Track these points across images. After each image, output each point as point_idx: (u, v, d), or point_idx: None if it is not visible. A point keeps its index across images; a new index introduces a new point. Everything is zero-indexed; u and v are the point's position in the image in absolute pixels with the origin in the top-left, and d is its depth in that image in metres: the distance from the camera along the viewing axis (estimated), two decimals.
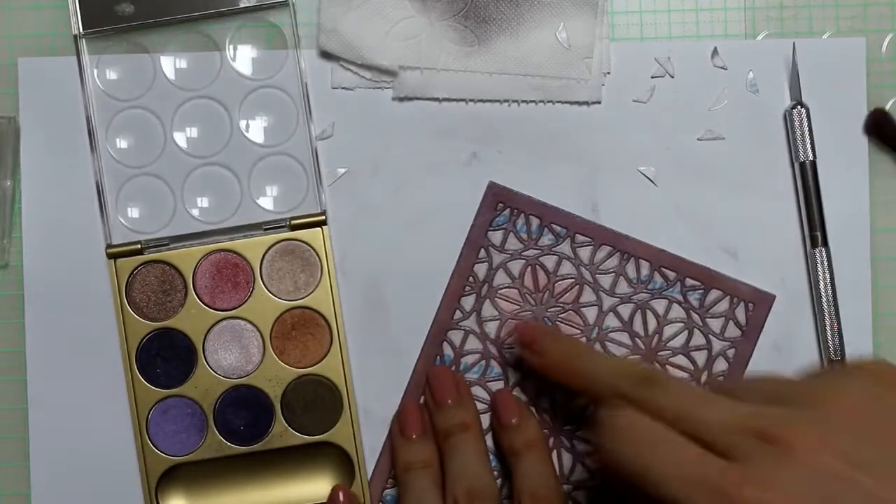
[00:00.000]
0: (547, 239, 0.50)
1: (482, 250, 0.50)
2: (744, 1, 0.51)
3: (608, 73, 0.50)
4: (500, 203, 0.50)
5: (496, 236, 0.50)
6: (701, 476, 0.35)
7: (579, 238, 0.50)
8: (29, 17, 0.51)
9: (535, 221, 0.50)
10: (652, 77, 0.50)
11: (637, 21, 0.51)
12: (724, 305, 0.49)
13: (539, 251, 0.50)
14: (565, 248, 0.50)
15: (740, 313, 0.49)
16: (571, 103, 0.50)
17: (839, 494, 0.33)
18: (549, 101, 0.50)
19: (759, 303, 0.49)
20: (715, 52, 0.50)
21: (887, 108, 0.50)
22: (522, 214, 0.50)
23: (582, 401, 0.49)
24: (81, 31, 0.49)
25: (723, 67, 0.50)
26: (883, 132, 0.50)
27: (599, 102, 0.50)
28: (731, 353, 0.49)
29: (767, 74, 0.50)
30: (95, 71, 0.50)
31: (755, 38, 0.51)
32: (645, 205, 0.50)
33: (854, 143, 0.50)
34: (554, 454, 0.49)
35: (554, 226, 0.50)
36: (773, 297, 0.49)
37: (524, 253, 0.50)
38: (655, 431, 0.37)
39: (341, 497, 0.48)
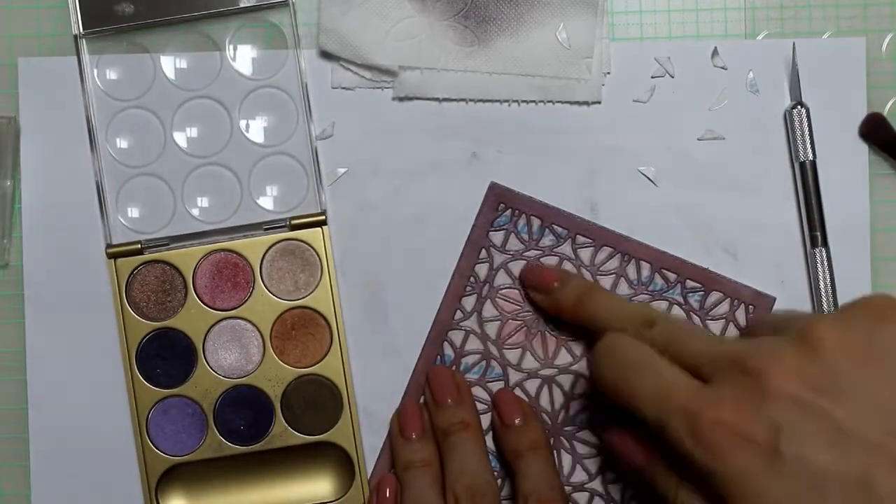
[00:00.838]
0: (548, 240, 0.50)
1: (483, 251, 0.50)
2: (744, 1, 0.51)
3: (608, 73, 0.50)
4: (501, 204, 0.50)
5: (497, 237, 0.50)
6: (673, 395, 0.37)
7: (580, 239, 0.50)
8: (29, 17, 0.51)
9: (536, 222, 0.50)
10: (652, 77, 0.50)
11: (637, 21, 0.51)
12: (724, 307, 0.49)
13: (540, 252, 0.50)
14: (566, 249, 0.50)
15: (741, 315, 0.49)
16: (571, 103, 0.50)
17: (795, 418, 0.34)
18: (549, 101, 0.50)
19: (760, 305, 0.49)
20: (715, 52, 0.50)
21: (887, 108, 0.50)
22: (524, 215, 0.50)
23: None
24: (81, 31, 0.50)
25: (723, 67, 0.50)
26: (878, 136, 0.50)
27: (599, 102, 0.50)
28: None
29: (767, 74, 0.50)
30: (95, 71, 0.50)
31: (755, 38, 0.51)
32: (645, 205, 0.50)
33: (854, 143, 0.50)
34: (553, 455, 0.49)
35: (555, 227, 0.50)
36: (774, 299, 0.49)
37: (525, 253, 0.50)
38: (642, 354, 0.40)
39: (388, 493, 0.48)
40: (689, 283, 0.49)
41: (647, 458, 0.41)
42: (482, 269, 0.50)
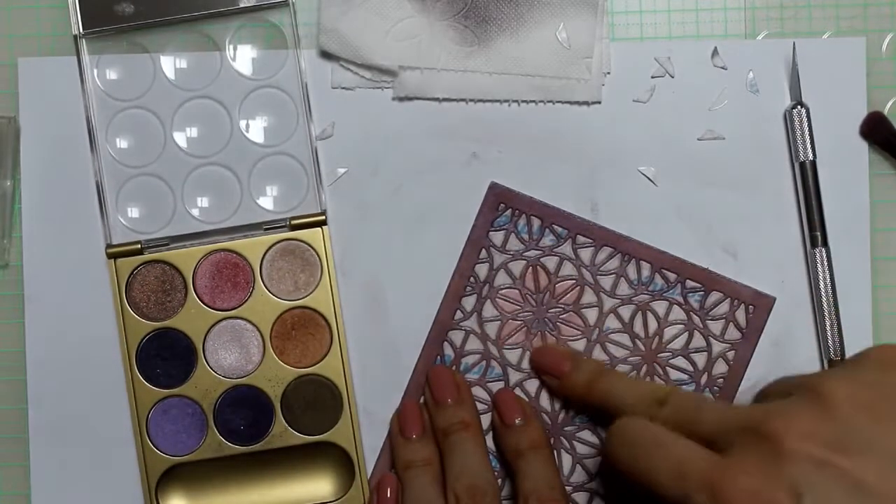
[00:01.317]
0: (548, 240, 0.50)
1: (483, 251, 0.50)
2: (744, 1, 0.51)
3: (608, 73, 0.50)
4: (501, 204, 0.50)
5: (497, 237, 0.50)
6: (691, 469, 0.37)
7: (580, 239, 0.50)
8: (29, 17, 0.51)
9: (536, 222, 0.50)
10: (652, 77, 0.50)
11: (637, 21, 0.51)
12: (724, 308, 0.49)
13: (540, 252, 0.50)
14: (566, 249, 0.50)
15: (740, 315, 0.49)
16: (571, 103, 0.50)
17: (816, 479, 0.34)
18: (549, 101, 0.50)
19: (760, 305, 0.49)
20: (715, 52, 0.50)
21: (887, 108, 0.50)
22: (524, 215, 0.50)
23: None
24: (81, 31, 0.49)
25: (723, 67, 0.50)
26: (879, 135, 0.50)
27: (599, 102, 0.50)
28: (730, 355, 0.49)
29: (767, 74, 0.50)
30: (95, 71, 0.50)
31: (755, 38, 0.51)
32: (645, 205, 0.50)
33: (854, 143, 0.50)
34: (554, 455, 0.49)
35: (555, 227, 0.50)
36: (774, 299, 0.49)
37: (525, 253, 0.50)
38: (655, 434, 0.39)
39: (388, 492, 0.48)
40: (689, 283, 0.49)
41: None
42: (482, 270, 0.50)
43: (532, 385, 0.50)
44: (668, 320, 0.49)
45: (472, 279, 0.50)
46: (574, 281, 0.50)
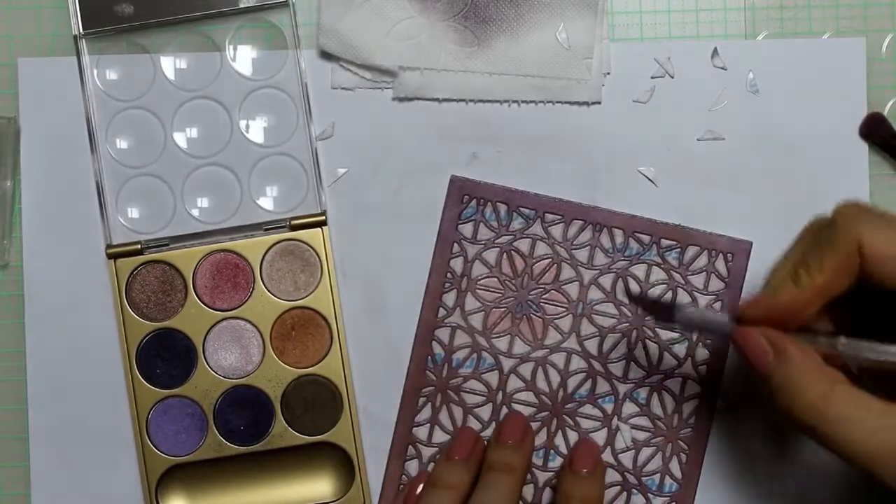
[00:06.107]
0: (517, 223, 0.50)
1: (455, 245, 0.50)
2: (744, 1, 0.51)
3: (608, 73, 0.50)
4: (465, 195, 0.50)
5: (467, 229, 0.50)
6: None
7: (549, 217, 0.50)
8: (29, 17, 0.51)
9: (502, 208, 0.50)
10: (652, 77, 0.50)
11: (637, 21, 0.51)
12: (703, 260, 0.49)
13: (511, 236, 0.50)
14: (537, 229, 0.50)
15: (720, 265, 0.49)
16: (571, 103, 0.50)
17: None
18: (549, 102, 0.50)
19: (738, 252, 0.49)
20: (715, 52, 0.50)
21: (887, 108, 0.50)
22: (489, 203, 0.50)
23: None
24: (81, 31, 0.50)
25: (723, 67, 0.50)
26: (878, 135, 0.50)
27: (599, 102, 0.50)
28: (717, 305, 0.49)
29: (767, 74, 0.50)
30: (95, 71, 0.50)
31: (755, 38, 0.51)
32: (645, 205, 0.50)
33: (854, 143, 0.50)
34: (560, 434, 0.49)
35: (522, 209, 0.50)
36: (750, 243, 0.49)
37: (497, 240, 0.50)
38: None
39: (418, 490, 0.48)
40: (664, 242, 0.50)
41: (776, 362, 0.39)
42: (457, 264, 0.50)
43: (526, 369, 0.50)
44: (650, 282, 0.49)
45: (448, 275, 0.50)
46: (550, 259, 0.50)
